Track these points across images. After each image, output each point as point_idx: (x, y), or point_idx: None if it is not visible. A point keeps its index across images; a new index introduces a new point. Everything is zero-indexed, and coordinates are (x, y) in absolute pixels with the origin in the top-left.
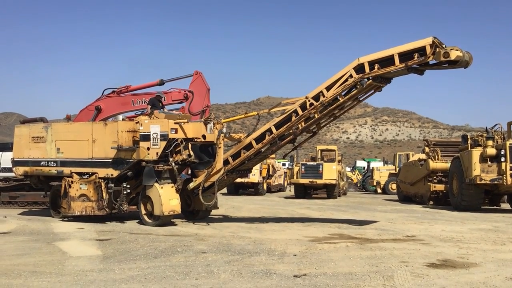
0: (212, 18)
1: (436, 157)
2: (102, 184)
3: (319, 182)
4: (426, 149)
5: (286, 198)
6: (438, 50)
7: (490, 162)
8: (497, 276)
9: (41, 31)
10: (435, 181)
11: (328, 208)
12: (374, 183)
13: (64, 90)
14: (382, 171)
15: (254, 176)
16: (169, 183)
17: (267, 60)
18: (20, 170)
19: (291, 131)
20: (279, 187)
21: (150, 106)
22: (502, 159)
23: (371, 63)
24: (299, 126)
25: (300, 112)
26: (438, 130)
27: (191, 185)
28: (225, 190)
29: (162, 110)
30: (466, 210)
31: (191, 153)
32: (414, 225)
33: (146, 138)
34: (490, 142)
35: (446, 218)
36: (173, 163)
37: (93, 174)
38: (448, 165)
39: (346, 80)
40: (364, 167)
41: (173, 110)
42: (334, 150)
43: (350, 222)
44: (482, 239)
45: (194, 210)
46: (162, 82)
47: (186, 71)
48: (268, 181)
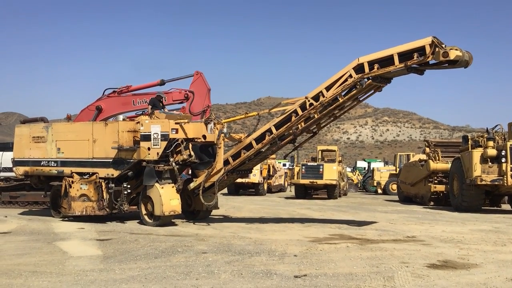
0: (213, 19)
1: (436, 157)
2: (103, 184)
3: (320, 182)
4: (427, 149)
5: (287, 198)
6: (438, 49)
7: (490, 163)
8: (497, 277)
9: (42, 31)
10: (436, 181)
11: (328, 208)
12: (375, 184)
13: (65, 90)
14: (382, 172)
15: (255, 176)
16: (169, 183)
17: (268, 60)
18: (20, 170)
19: (291, 131)
20: (280, 188)
21: (150, 106)
22: (503, 160)
23: (371, 63)
24: (299, 126)
25: (299, 112)
26: (439, 130)
27: (192, 185)
28: (225, 190)
29: (163, 110)
30: (467, 210)
31: (192, 153)
32: (414, 225)
33: (146, 138)
34: (490, 143)
35: (446, 219)
36: (173, 163)
37: (93, 174)
38: (448, 165)
39: (346, 80)
40: (364, 168)
41: (173, 110)
42: (334, 151)
43: (350, 223)
44: (482, 240)
45: (195, 210)
46: (162, 82)
47: (187, 72)
48: (268, 181)
